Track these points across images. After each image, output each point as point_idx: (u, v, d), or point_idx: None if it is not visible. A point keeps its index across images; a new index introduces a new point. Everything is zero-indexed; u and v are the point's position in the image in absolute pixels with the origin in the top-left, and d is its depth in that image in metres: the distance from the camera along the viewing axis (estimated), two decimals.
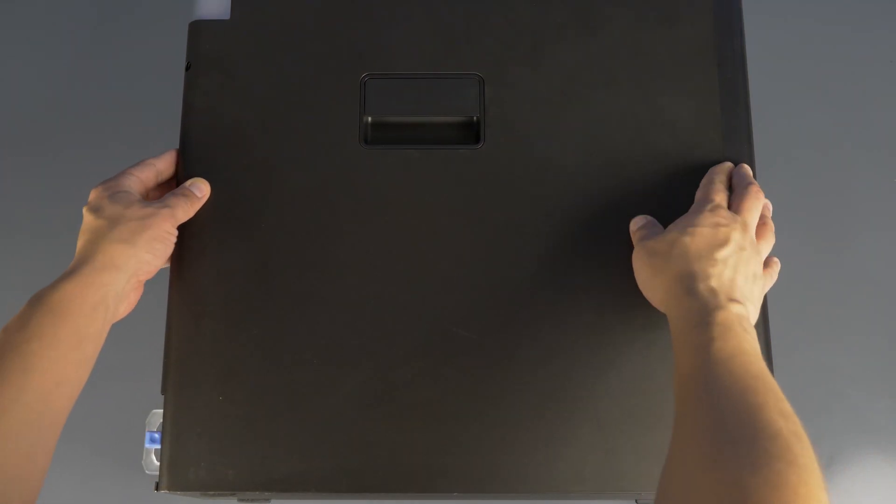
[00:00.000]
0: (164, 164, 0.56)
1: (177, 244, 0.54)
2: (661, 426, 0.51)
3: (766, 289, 0.53)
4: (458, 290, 0.54)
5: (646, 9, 0.59)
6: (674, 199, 0.55)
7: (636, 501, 0.58)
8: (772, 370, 0.53)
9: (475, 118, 0.58)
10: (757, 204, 0.52)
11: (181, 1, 0.63)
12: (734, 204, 0.52)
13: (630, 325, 0.53)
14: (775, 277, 0.54)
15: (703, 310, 0.45)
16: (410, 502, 0.65)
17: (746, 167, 0.55)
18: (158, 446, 0.52)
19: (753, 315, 0.48)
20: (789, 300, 0.74)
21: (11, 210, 0.80)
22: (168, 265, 0.55)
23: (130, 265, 0.50)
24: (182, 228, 0.54)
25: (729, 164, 0.56)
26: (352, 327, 0.53)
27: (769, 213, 0.55)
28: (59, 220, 0.79)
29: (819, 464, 0.37)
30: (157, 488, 0.51)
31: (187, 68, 0.59)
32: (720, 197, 0.52)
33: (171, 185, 0.57)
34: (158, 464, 0.52)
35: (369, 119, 0.58)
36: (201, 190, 0.55)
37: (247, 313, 0.53)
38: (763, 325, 0.54)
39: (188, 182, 0.55)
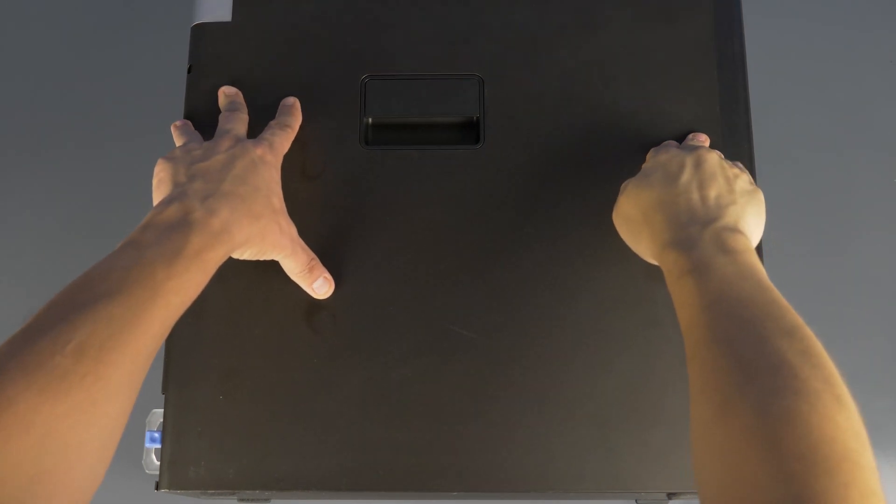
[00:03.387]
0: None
1: None
2: (660, 425, 0.51)
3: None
4: (458, 289, 0.54)
5: (645, 9, 0.59)
6: None
7: (636, 501, 0.58)
8: None
9: (475, 118, 0.58)
10: (700, 138, 0.55)
11: (182, 2, 0.63)
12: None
13: (630, 324, 0.53)
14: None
15: (678, 261, 0.44)
16: (410, 502, 0.65)
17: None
18: (158, 445, 0.52)
19: (746, 212, 0.47)
20: (789, 300, 0.74)
21: (10, 210, 0.80)
22: None
23: None
24: None
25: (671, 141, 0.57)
26: (352, 327, 0.54)
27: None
28: (59, 220, 0.79)
29: (841, 376, 0.35)
30: (157, 487, 0.52)
31: (189, 71, 0.59)
32: (665, 145, 0.54)
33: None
34: (158, 463, 0.52)
35: (370, 120, 0.58)
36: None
37: (247, 313, 0.54)
38: None
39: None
